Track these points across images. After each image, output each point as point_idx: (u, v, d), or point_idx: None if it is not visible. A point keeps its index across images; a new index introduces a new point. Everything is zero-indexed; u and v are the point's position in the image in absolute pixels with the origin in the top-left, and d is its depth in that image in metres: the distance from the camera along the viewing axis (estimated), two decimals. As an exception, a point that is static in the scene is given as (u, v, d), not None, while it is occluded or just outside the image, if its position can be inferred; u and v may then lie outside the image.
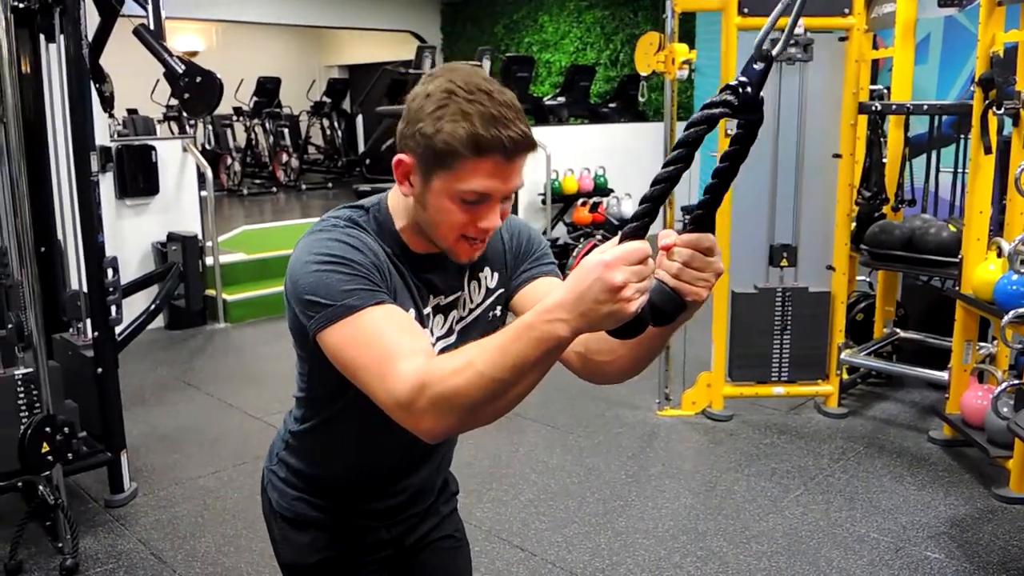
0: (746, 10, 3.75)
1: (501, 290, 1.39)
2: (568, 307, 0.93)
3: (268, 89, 12.34)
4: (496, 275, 1.38)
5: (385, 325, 1.11)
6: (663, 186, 0.94)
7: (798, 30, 3.85)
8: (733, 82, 0.91)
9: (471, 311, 1.36)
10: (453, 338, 1.34)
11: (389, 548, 1.51)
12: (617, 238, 0.94)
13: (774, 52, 0.90)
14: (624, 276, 0.90)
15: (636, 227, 0.94)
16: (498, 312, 1.40)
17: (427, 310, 1.30)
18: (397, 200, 1.27)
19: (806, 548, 2.96)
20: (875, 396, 4.46)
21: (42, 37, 3.30)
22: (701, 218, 0.99)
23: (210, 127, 11.95)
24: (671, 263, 0.98)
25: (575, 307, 0.93)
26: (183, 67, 3.74)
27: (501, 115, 1.12)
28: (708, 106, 0.91)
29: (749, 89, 0.90)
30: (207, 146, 11.85)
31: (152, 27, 3.76)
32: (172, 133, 11.48)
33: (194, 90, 3.72)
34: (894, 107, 4.17)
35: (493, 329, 1.39)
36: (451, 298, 1.33)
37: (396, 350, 1.07)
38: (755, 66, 0.90)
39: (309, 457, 1.43)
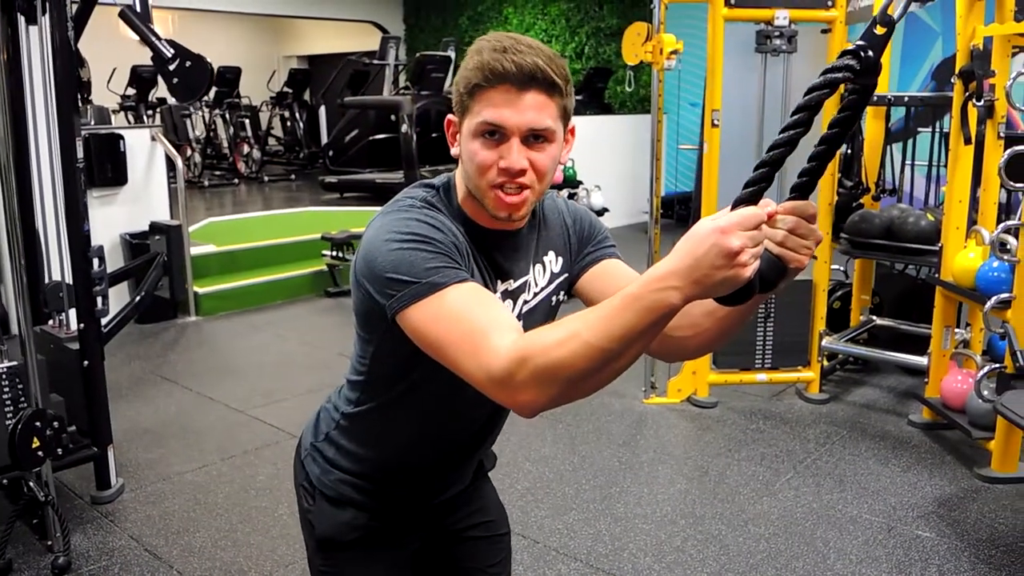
0: (733, 1, 3.79)
1: (565, 275, 1.39)
2: (681, 274, 0.92)
3: (228, 79, 12.13)
4: (560, 259, 1.38)
5: (471, 301, 1.10)
6: (781, 151, 0.93)
7: (782, 22, 3.90)
8: (853, 47, 0.90)
9: (536, 295, 1.35)
10: (520, 324, 1.33)
11: (425, 527, 1.51)
12: (730, 205, 0.93)
13: (895, 15, 0.90)
14: (740, 241, 0.89)
15: (751, 192, 0.93)
16: (561, 297, 1.40)
17: (495, 295, 1.29)
18: (458, 172, 1.28)
19: (802, 530, 3.01)
20: (853, 382, 4.55)
21: (21, 20, 3.20)
22: (805, 185, 0.98)
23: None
24: (775, 231, 0.98)
25: (689, 274, 0.91)
26: (172, 51, 3.65)
27: (513, 46, 1.14)
28: (829, 70, 0.91)
29: (871, 53, 0.89)
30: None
31: (139, 9, 3.65)
32: (129, 123, 11.23)
33: (183, 74, 3.63)
34: (875, 99, 4.24)
35: (555, 315, 1.39)
36: (519, 282, 1.33)
37: (486, 325, 1.06)
38: (875, 31, 0.90)
39: (365, 439, 1.41)
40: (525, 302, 1.34)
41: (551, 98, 1.17)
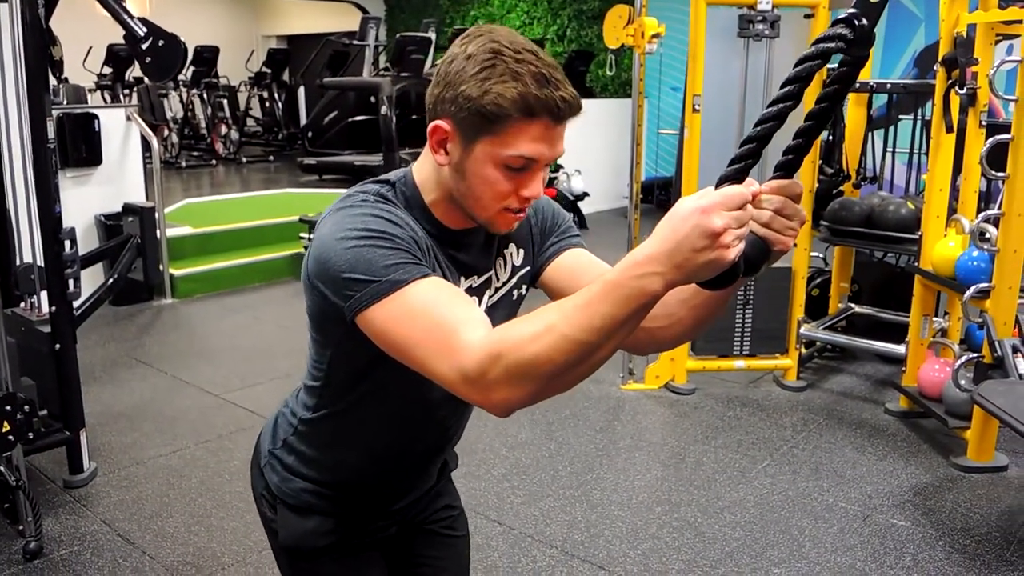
0: (716, -14, 3.77)
1: (527, 268, 1.34)
2: (662, 259, 0.86)
3: (205, 58, 11.96)
4: (522, 252, 1.33)
5: (436, 297, 1.04)
6: (769, 125, 0.88)
7: (765, 7, 3.88)
8: (845, 15, 0.85)
9: (497, 290, 1.31)
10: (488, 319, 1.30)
11: (391, 528, 1.47)
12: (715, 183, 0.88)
13: None
14: (724, 221, 0.84)
15: (737, 169, 0.87)
16: (523, 291, 1.36)
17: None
18: (424, 172, 1.20)
19: (778, 517, 3.02)
20: (830, 369, 4.57)
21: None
22: (790, 164, 0.93)
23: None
24: (761, 212, 0.93)
25: (670, 258, 0.86)
26: (144, 30, 3.57)
27: (551, 76, 1.07)
28: (822, 39, 0.86)
29: (865, 21, 0.84)
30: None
31: (111, -14, 3.57)
32: (105, 102, 11.06)
33: (156, 54, 3.55)
34: (857, 85, 4.24)
35: (518, 310, 1.35)
36: (483, 279, 1.28)
37: (454, 322, 1.00)
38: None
39: (324, 445, 1.35)
40: (489, 298, 1.29)
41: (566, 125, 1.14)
